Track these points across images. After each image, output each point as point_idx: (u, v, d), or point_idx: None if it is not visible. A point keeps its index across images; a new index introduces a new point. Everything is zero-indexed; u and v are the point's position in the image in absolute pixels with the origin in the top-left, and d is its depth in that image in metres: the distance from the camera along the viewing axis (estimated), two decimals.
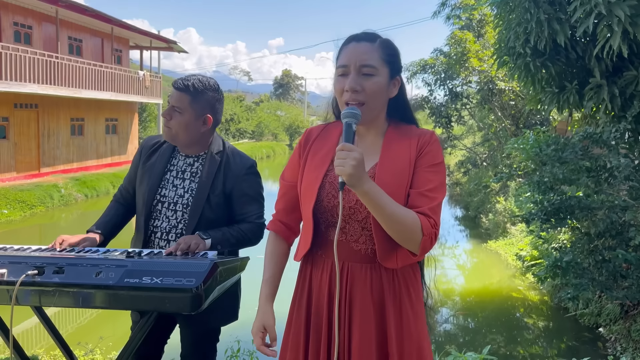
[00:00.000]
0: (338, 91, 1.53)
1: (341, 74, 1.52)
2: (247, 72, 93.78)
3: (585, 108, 5.02)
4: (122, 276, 1.42)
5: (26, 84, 13.94)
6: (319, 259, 1.58)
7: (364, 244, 1.52)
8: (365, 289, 1.50)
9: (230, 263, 1.66)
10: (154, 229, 2.11)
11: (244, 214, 2.16)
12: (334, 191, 1.52)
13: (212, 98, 2.11)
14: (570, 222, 4.77)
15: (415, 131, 1.58)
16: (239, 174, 2.15)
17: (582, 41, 4.80)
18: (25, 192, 13.24)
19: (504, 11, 5.18)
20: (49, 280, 1.44)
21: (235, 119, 39.29)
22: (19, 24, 15.54)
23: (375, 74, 1.50)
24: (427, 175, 1.50)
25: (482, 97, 12.28)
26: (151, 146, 2.22)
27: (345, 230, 1.52)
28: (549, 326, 6.47)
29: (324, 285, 1.54)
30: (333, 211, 1.51)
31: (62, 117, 17.20)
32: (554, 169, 4.76)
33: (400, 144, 1.55)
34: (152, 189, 2.12)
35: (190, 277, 1.40)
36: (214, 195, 2.09)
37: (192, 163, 2.16)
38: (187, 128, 2.07)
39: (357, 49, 1.51)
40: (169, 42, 23.02)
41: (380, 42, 1.55)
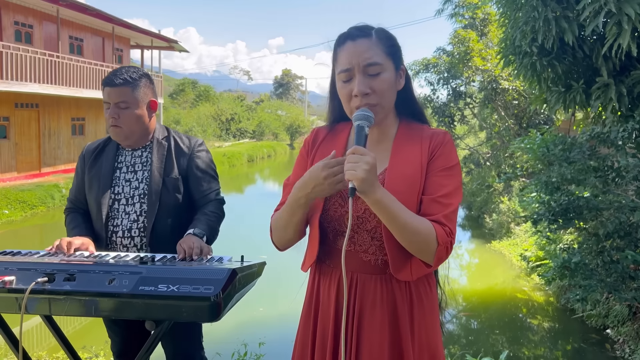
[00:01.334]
0: (345, 97, 1.43)
1: (345, 79, 1.42)
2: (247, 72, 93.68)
3: (592, 107, 4.98)
4: (137, 284, 1.36)
5: (27, 83, 13.88)
6: (327, 269, 1.50)
7: (374, 255, 1.43)
8: (375, 302, 1.42)
9: (249, 269, 1.60)
10: (114, 229, 2.07)
11: (204, 191, 2.14)
12: (341, 199, 1.44)
13: (147, 82, 2.10)
14: (578, 223, 4.72)
15: (427, 132, 1.49)
16: (190, 152, 2.14)
17: (590, 40, 4.76)
18: (26, 192, 13.19)
19: (510, 9, 5.13)
20: (59, 288, 1.38)
21: (235, 119, 39.23)
22: (20, 23, 15.49)
23: (382, 71, 1.40)
24: (440, 180, 1.40)
25: (485, 96, 12.23)
26: (93, 150, 2.19)
27: (354, 240, 1.44)
28: (555, 327, 6.42)
29: (331, 296, 1.47)
30: (340, 220, 1.44)
31: (63, 117, 17.15)
32: (561, 168, 4.71)
33: (411, 146, 1.46)
34: (105, 189, 2.08)
35: (208, 284, 1.34)
36: (169, 179, 2.08)
37: (140, 154, 2.14)
38: (138, 120, 2.06)
39: (356, 48, 1.40)
40: (170, 41, 22.97)
41: (377, 35, 1.43)
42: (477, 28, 13.11)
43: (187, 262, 1.67)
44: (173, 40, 23.04)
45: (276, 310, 6.08)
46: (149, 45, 22.86)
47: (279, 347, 4.41)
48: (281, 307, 6.12)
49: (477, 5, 12.93)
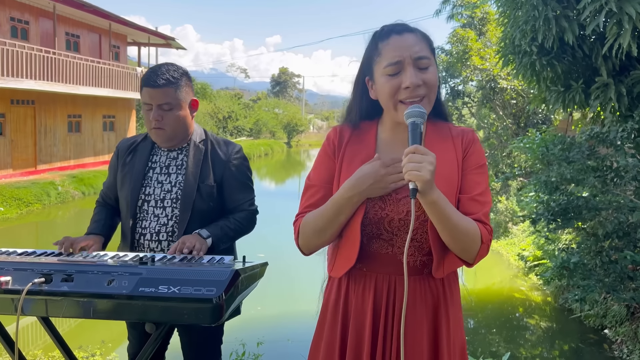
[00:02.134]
0: (390, 91, 1.37)
1: (393, 72, 1.37)
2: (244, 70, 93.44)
3: (591, 107, 4.97)
4: (137, 285, 1.32)
5: (23, 80, 13.80)
6: (359, 273, 1.46)
7: (412, 256, 1.42)
8: (414, 302, 1.42)
9: (251, 270, 1.57)
10: (142, 231, 2.01)
11: (237, 201, 2.08)
12: (381, 202, 1.40)
13: (187, 81, 2.04)
14: (577, 223, 4.71)
15: (455, 130, 1.49)
16: (227, 160, 2.07)
17: (589, 39, 4.75)
18: (22, 190, 13.12)
19: (510, 8, 5.12)
20: (56, 289, 1.34)
21: (233, 117, 39.14)
22: (16, 19, 15.40)
23: (430, 65, 1.39)
24: (475, 178, 1.42)
25: (484, 95, 12.23)
26: (128, 147, 2.13)
27: (392, 242, 1.42)
28: (553, 327, 6.42)
29: (367, 301, 1.43)
30: (379, 223, 1.41)
31: (59, 114, 17.06)
32: (561, 168, 4.70)
33: (444, 144, 1.45)
34: (135, 189, 2.02)
35: (210, 286, 1.30)
36: (204, 185, 2.00)
37: (175, 156, 2.06)
38: (182, 121, 2.00)
39: (405, 42, 1.38)
40: (167, 38, 22.89)
41: (420, 32, 1.43)
42: (475, 27, 13.11)
43: (187, 262, 1.64)
44: (170, 37, 22.96)
45: (275, 310, 6.06)
46: (145, 42, 22.76)
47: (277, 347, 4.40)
48: (279, 307, 6.10)
49: (476, 4, 12.93)
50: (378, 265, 1.44)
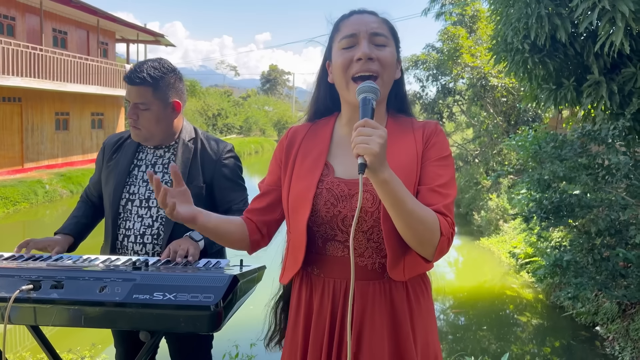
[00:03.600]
0: (343, 65, 1.32)
1: (347, 45, 1.33)
2: (233, 67, 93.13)
3: (582, 105, 4.98)
4: (131, 292, 1.26)
5: (9, 77, 13.59)
6: (316, 278, 1.37)
7: (370, 258, 1.33)
8: (374, 308, 1.32)
9: (249, 275, 1.51)
10: (126, 232, 1.91)
11: (229, 202, 1.99)
12: (332, 199, 1.32)
13: (172, 80, 1.94)
14: (569, 221, 4.72)
15: (417, 123, 1.42)
16: (217, 159, 1.98)
17: (581, 37, 4.75)
18: (8, 189, 12.93)
19: (502, 6, 5.10)
20: (46, 296, 1.28)
21: (222, 114, 38.94)
22: (2, 15, 15.16)
23: (388, 45, 1.34)
24: (436, 170, 1.33)
25: (474, 93, 12.25)
26: (114, 143, 2.04)
27: (347, 243, 1.32)
28: (544, 324, 6.44)
29: (324, 307, 1.35)
30: (332, 222, 1.32)
31: (47, 111, 16.84)
32: (553, 166, 4.70)
33: (404, 136, 1.38)
34: (119, 187, 1.93)
35: (207, 292, 1.25)
36: (192, 186, 1.89)
37: (162, 154, 1.98)
38: (158, 122, 1.90)
39: (363, 19, 1.36)
40: (156, 35, 22.69)
41: (383, 17, 1.41)
42: (466, 25, 13.11)
43: (183, 267, 1.57)
44: (159, 34, 22.77)
45: None
46: (134, 39, 22.55)
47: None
48: None
49: (467, 2, 12.94)
50: (334, 270, 1.35)
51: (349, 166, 1.36)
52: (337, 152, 1.38)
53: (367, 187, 1.30)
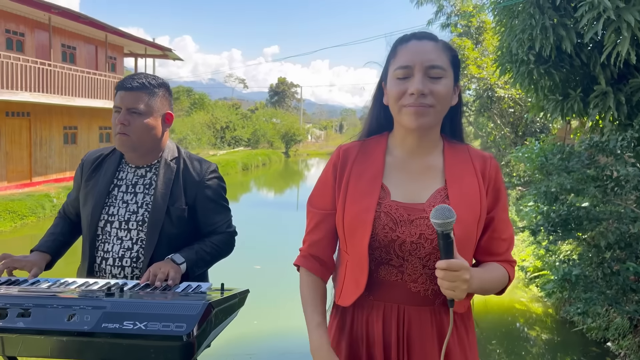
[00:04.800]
0: (396, 95, 1.31)
1: (402, 76, 1.30)
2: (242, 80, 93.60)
3: (590, 116, 4.90)
4: (100, 320, 1.19)
5: (18, 92, 13.72)
6: (366, 301, 1.36)
7: (423, 285, 1.32)
8: (425, 335, 1.31)
9: (228, 301, 1.43)
10: (104, 254, 1.83)
11: (213, 224, 1.93)
12: (391, 223, 1.30)
13: (167, 93, 1.91)
14: (578, 234, 4.62)
15: (474, 151, 1.41)
16: (200, 180, 1.90)
17: (587, 47, 4.69)
18: (16, 202, 12.99)
19: (507, 17, 5.06)
20: (11, 325, 1.21)
21: (230, 127, 39.09)
22: (11, 31, 15.34)
23: (444, 77, 1.31)
24: (504, 216, 1.39)
25: (481, 104, 12.17)
26: (93, 161, 1.96)
27: (402, 268, 1.31)
28: (554, 340, 6.30)
29: (374, 332, 1.33)
30: (389, 247, 1.30)
31: (55, 126, 16.97)
32: (560, 178, 4.62)
33: (464, 165, 1.37)
34: (97, 208, 1.85)
35: (180, 321, 1.18)
36: (174, 208, 1.84)
37: (143, 174, 1.90)
38: (149, 131, 1.83)
39: (421, 48, 1.32)
40: (164, 49, 22.86)
41: (443, 43, 1.36)
42: (472, 36, 13.09)
43: (161, 293, 1.50)
44: (167, 48, 22.94)
45: (272, 324, 5.92)
46: (142, 53, 22.74)
47: None
48: (275, 320, 5.97)
49: (472, 13, 12.92)
50: (386, 294, 1.33)
51: (406, 190, 1.35)
52: (392, 174, 1.36)
53: (427, 213, 1.30)
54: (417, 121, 1.29)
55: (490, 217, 1.36)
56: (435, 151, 1.39)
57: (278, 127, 45.17)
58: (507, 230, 1.39)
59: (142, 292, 1.48)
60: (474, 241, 1.33)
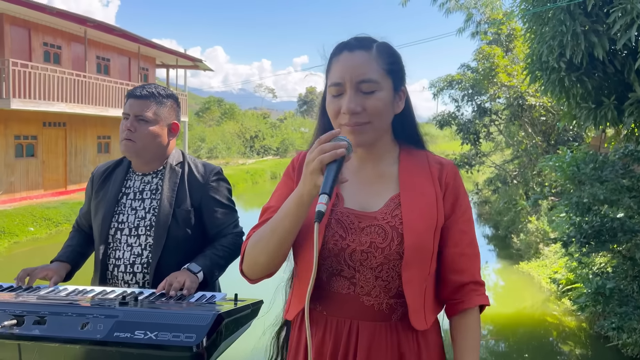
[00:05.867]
0: (333, 113, 1.26)
1: (335, 93, 1.25)
2: (271, 90, 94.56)
3: (624, 124, 4.76)
4: (112, 329, 1.19)
5: (55, 102, 14.15)
6: (319, 315, 1.28)
7: (377, 298, 1.23)
8: (381, 355, 1.22)
9: (240, 312, 1.42)
10: (116, 262, 1.88)
11: (220, 225, 1.95)
12: (341, 230, 1.24)
13: (174, 104, 1.96)
14: (612, 246, 4.47)
15: (433, 158, 1.34)
16: (205, 182, 1.94)
17: (621, 54, 4.56)
18: (52, 210, 13.35)
19: (537, 24, 4.97)
20: (28, 332, 1.23)
21: (259, 136, 39.45)
22: (49, 44, 15.86)
23: (377, 89, 1.23)
24: (463, 227, 1.30)
25: (512, 113, 11.96)
26: (102, 173, 2.02)
27: (354, 280, 1.23)
28: (588, 355, 6.10)
29: (326, 346, 1.25)
30: (339, 256, 1.23)
31: (89, 135, 17.43)
32: (593, 188, 4.49)
33: (419, 173, 1.30)
34: (107, 217, 1.91)
35: (190, 332, 1.17)
36: (180, 210, 1.88)
37: (150, 180, 1.95)
38: (155, 139, 1.88)
39: (351, 62, 1.24)
40: (194, 60, 23.28)
41: (378, 49, 1.27)
42: (502, 44, 12.90)
43: (175, 302, 1.51)
44: (197, 59, 23.34)
45: None
46: (174, 64, 23.19)
47: None
48: None
49: (502, 21, 12.74)
50: (338, 308, 1.25)
51: (360, 197, 1.29)
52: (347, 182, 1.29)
53: (378, 221, 1.24)
54: (355, 140, 1.23)
55: (447, 226, 1.28)
56: (390, 158, 1.33)
57: (306, 136, 45.33)
58: (471, 245, 1.30)
59: (157, 302, 1.48)
60: (429, 252, 1.24)
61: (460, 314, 1.30)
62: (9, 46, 14.15)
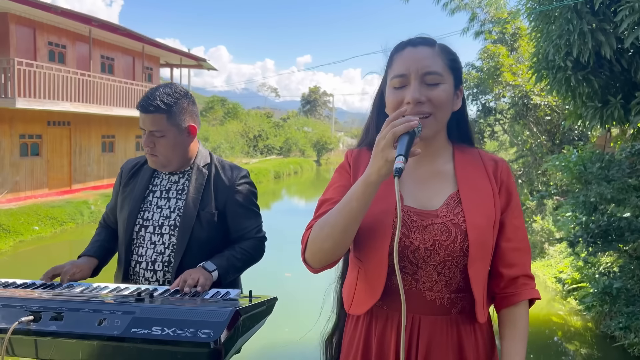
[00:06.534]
0: (393, 105, 1.28)
1: (398, 85, 1.28)
2: (275, 89, 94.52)
3: (631, 123, 4.74)
4: (129, 325, 1.20)
5: (59, 102, 14.19)
6: (380, 311, 1.31)
7: (439, 293, 1.27)
8: (441, 348, 1.26)
9: (256, 308, 1.42)
10: (138, 258, 1.89)
11: (242, 229, 1.94)
12: (404, 228, 1.26)
13: (186, 104, 1.90)
14: (619, 245, 4.46)
15: (486, 155, 1.38)
16: (230, 185, 1.93)
17: (628, 53, 4.55)
18: (56, 209, 13.39)
19: (543, 23, 4.96)
20: (44, 328, 1.23)
21: (263, 135, 39.48)
22: (54, 43, 15.90)
23: (441, 82, 1.27)
24: (516, 223, 1.34)
25: (516, 112, 11.93)
26: (131, 168, 2.02)
27: (416, 276, 1.27)
28: (594, 355, 6.08)
29: (388, 343, 1.28)
30: (402, 253, 1.25)
31: (94, 135, 17.47)
32: (600, 187, 4.47)
33: (475, 170, 1.34)
34: (133, 213, 1.91)
35: (207, 328, 1.17)
36: (204, 212, 1.88)
37: (177, 180, 1.95)
38: (175, 148, 1.87)
39: (416, 55, 1.28)
40: (198, 59, 23.31)
41: (440, 47, 1.32)
42: (507, 43, 12.86)
43: (190, 299, 1.51)
44: (201, 58, 23.37)
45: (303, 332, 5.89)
46: (177, 63, 23.23)
47: None
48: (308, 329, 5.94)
49: (507, 20, 12.71)
50: (400, 303, 1.25)
51: (418, 196, 1.31)
52: (405, 180, 1.33)
53: (440, 219, 1.27)
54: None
55: (502, 222, 1.32)
56: (445, 156, 1.36)
57: (310, 136, 45.37)
58: (524, 240, 1.34)
59: (172, 298, 1.49)
60: (490, 247, 1.29)
61: (511, 307, 1.32)
62: (14, 45, 14.19)
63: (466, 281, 1.27)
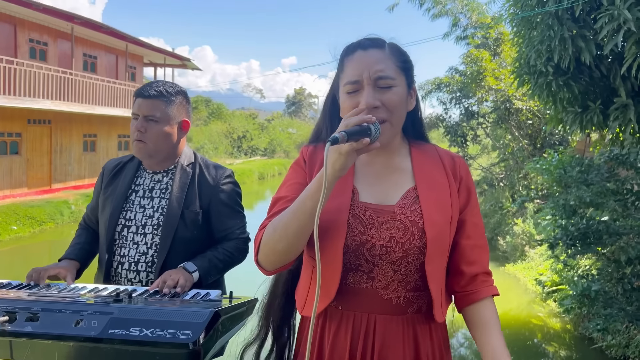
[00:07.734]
0: (349, 110, 1.24)
1: (352, 90, 1.26)
2: (260, 90, 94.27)
3: (610, 128, 4.82)
4: (107, 326, 1.18)
5: (39, 99, 13.98)
6: (335, 311, 1.28)
7: (395, 292, 1.24)
8: (397, 348, 1.24)
9: (236, 309, 1.41)
10: (121, 259, 1.86)
11: (226, 229, 1.93)
12: (360, 225, 1.23)
13: (184, 101, 1.93)
14: (597, 248, 4.53)
15: (441, 151, 1.38)
16: (215, 184, 1.92)
17: (607, 59, 4.62)
18: (36, 208, 13.18)
19: (525, 28, 5.02)
20: (20, 329, 1.21)
21: (247, 136, 39.35)
22: (35, 40, 15.67)
23: (394, 85, 1.26)
24: (475, 220, 1.34)
25: (499, 116, 12.06)
26: (113, 168, 2.00)
27: (372, 274, 1.24)
28: (573, 357, 6.17)
29: (342, 344, 1.25)
30: (358, 251, 1.23)
31: (75, 134, 17.24)
32: (579, 191, 4.54)
33: (433, 165, 1.33)
34: (115, 213, 1.88)
35: (186, 328, 1.16)
36: (188, 211, 1.86)
37: (160, 179, 1.93)
38: (166, 138, 1.86)
39: (367, 59, 1.26)
40: (182, 59, 23.15)
41: (390, 47, 1.30)
42: (490, 47, 13.00)
43: (169, 300, 1.49)
44: (185, 58, 23.22)
45: None
46: (161, 63, 23.05)
47: None
48: None
49: (490, 25, 12.85)
50: (356, 303, 1.26)
51: (375, 191, 1.29)
52: (360, 175, 1.31)
53: (397, 215, 1.25)
54: None
55: (462, 219, 1.31)
56: (402, 152, 1.35)
57: (294, 137, 45.32)
58: (482, 237, 1.34)
59: (151, 299, 1.47)
60: (447, 244, 1.27)
61: (476, 304, 1.30)
62: None
63: (423, 279, 1.25)
